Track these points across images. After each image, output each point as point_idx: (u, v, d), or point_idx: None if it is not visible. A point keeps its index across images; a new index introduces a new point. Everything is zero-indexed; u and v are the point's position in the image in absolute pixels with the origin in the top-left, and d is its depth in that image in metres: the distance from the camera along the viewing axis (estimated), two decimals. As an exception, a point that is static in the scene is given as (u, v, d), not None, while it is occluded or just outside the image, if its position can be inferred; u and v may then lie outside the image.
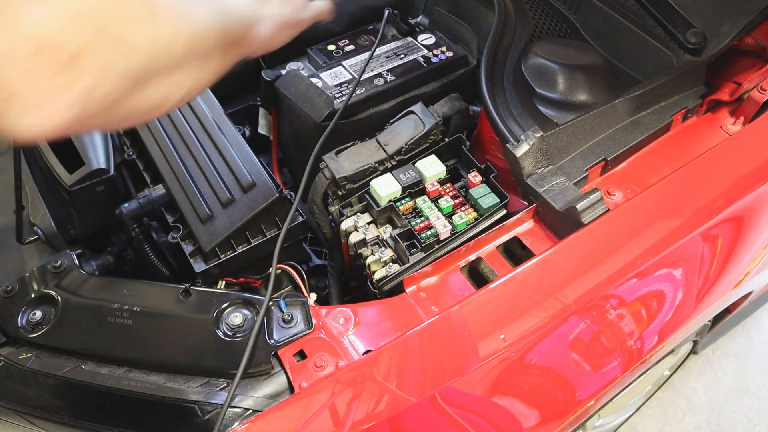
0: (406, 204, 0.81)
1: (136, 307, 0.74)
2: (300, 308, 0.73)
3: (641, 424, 1.61)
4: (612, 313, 0.79)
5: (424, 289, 0.77)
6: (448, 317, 0.71)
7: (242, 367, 0.65)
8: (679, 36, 0.96)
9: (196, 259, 0.83)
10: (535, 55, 1.00)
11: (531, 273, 0.75)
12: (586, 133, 0.87)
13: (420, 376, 0.67)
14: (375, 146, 0.88)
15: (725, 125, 0.95)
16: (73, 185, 0.87)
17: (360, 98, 0.94)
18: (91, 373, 0.71)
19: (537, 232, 0.83)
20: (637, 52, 1.02)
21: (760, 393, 1.67)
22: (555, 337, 0.74)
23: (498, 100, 0.88)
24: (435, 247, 0.79)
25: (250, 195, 0.84)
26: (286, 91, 0.97)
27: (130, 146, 0.99)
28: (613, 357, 0.82)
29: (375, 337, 0.71)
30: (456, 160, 0.89)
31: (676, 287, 0.85)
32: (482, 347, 0.69)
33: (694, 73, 0.95)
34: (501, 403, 0.75)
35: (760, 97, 0.92)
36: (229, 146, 0.88)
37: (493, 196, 0.81)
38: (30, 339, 0.73)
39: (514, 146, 0.81)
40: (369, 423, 0.64)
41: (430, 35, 1.06)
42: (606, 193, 0.86)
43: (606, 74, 1.00)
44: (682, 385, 1.68)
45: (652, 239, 0.77)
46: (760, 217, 0.91)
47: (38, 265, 0.79)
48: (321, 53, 1.04)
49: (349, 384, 0.66)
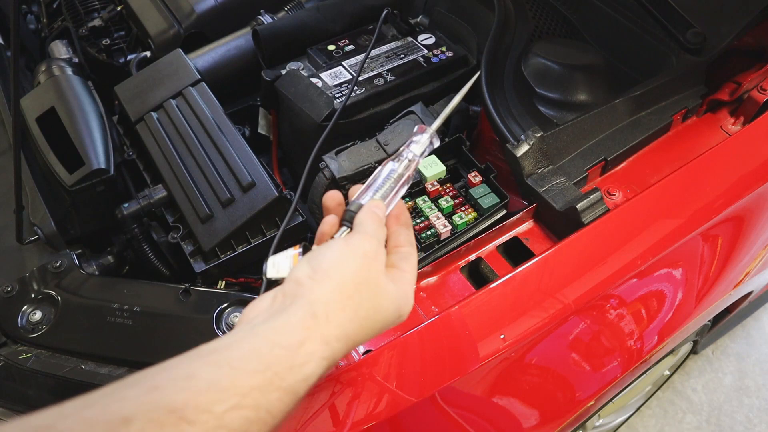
0: (406, 204, 0.81)
1: (136, 307, 0.74)
2: (300, 308, 0.73)
3: (641, 424, 1.61)
4: (612, 313, 0.79)
5: (424, 289, 0.77)
6: (448, 317, 0.70)
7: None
8: (679, 36, 0.96)
9: (196, 259, 0.83)
10: (535, 55, 1.00)
11: (531, 273, 0.75)
12: (586, 133, 0.87)
13: (420, 376, 0.67)
14: (375, 146, 0.88)
15: (725, 125, 0.95)
16: (73, 185, 0.87)
17: (360, 98, 0.94)
18: (91, 373, 0.71)
19: (537, 232, 0.83)
20: (637, 52, 1.02)
21: (760, 393, 1.67)
22: (555, 337, 0.74)
23: (498, 100, 0.88)
24: (435, 247, 0.79)
25: (249, 195, 0.84)
26: (286, 91, 0.97)
27: (130, 146, 0.99)
28: (613, 357, 0.82)
29: (375, 337, 0.71)
30: (456, 160, 0.89)
31: (676, 287, 0.85)
32: (482, 347, 0.69)
33: (694, 73, 0.95)
34: (501, 403, 0.75)
35: (760, 97, 0.92)
36: (229, 146, 0.88)
37: (493, 196, 0.81)
38: (30, 339, 0.73)
39: (514, 146, 0.81)
40: (369, 423, 0.64)
41: (430, 35, 1.06)
42: (606, 193, 0.85)
43: (606, 74, 1.00)
44: (682, 385, 1.68)
45: (652, 239, 0.77)
46: (760, 217, 0.91)
47: (38, 265, 0.79)
48: (321, 53, 1.04)
49: (349, 384, 0.66)
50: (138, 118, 0.96)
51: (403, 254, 0.56)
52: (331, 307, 0.47)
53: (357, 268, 0.49)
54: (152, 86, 0.98)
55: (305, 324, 0.45)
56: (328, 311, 0.46)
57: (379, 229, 0.53)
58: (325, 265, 0.49)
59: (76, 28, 1.23)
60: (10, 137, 0.91)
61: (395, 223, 0.58)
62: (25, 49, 1.28)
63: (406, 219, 0.58)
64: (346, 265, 0.49)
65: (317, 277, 0.48)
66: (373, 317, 0.50)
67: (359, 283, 0.49)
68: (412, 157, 0.58)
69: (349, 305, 0.48)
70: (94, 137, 0.91)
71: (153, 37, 1.15)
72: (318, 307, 0.46)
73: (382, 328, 0.52)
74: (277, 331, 0.44)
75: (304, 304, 0.46)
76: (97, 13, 1.28)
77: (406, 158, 0.58)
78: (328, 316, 0.46)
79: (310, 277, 0.48)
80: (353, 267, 0.49)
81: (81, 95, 0.98)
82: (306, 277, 0.48)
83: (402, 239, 0.57)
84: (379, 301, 0.50)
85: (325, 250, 0.50)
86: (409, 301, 0.54)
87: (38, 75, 1.04)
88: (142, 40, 1.21)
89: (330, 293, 0.47)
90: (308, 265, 0.49)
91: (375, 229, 0.53)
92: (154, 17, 1.17)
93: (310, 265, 0.49)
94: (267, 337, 0.43)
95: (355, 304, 0.48)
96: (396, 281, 0.53)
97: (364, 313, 0.49)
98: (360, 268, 0.49)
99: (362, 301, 0.49)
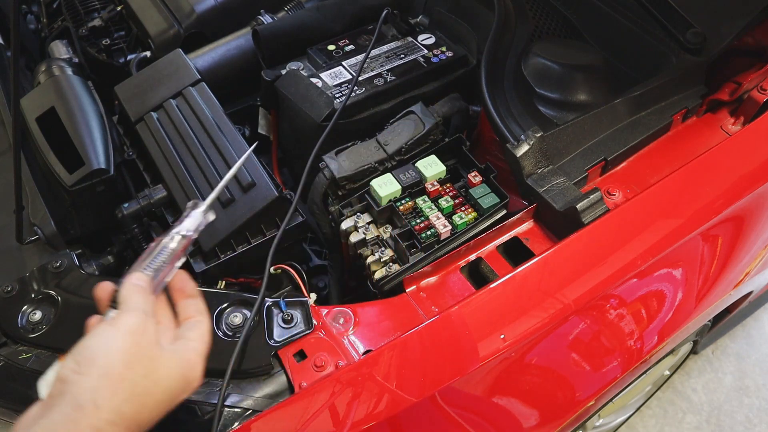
0: (406, 204, 0.81)
1: (136, 307, 0.74)
2: (300, 308, 0.73)
3: (641, 424, 1.61)
4: (612, 313, 0.79)
5: (424, 289, 0.77)
6: (448, 317, 0.70)
7: (232, 363, 0.65)
8: (679, 36, 0.96)
9: (196, 259, 0.83)
10: (535, 55, 1.00)
11: (531, 273, 0.75)
12: (586, 133, 0.87)
13: (420, 376, 0.67)
14: (375, 146, 0.88)
15: (725, 125, 0.95)
16: (73, 185, 0.87)
17: (360, 98, 0.94)
18: (91, 373, 0.71)
19: (537, 232, 0.83)
20: (637, 52, 1.02)
21: (760, 393, 1.67)
22: (555, 337, 0.74)
23: (498, 100, 0.88)
24: (435, 247, 0.79)
25: (249, 195, 0.84)
26: (286, 91, 0.97)
27: (130, 146, 0.99)
28: (613, 357, 0.82)
29: (375, 337, 0.71)
30: (456, 160, 0.89)
31: (676, 287, 0.85)
32: (482, 347, 0.69)
33: (694, 73, 0.95)
34: (501, 403, 0.75)
35: (760, 97, 0.92)
36: (229, 146, 0.88)
37: (493, 196, 0.81)
38: (30, 339, 0.73)
39: (514, 146, 0.81)
40: (369, 423, 0.64)
41: (430, 35, 1.06)
42: (606, 193, 0.85)
43: (606, 74, 1.00)
44: (682, 385, 1.68)
45: (652, 239, 0.77)
46: (760, 217, 0.91)
47: (38, 265, 0.79)
48: (321, 53, 1.04)
49: (349, 384, 0.66)
50: (138, 118, 0.96)
51: (190, 324, 0.56)
52: (100, 393, 0.46)
53: (125, 346, 0.48)
54: (152, 86, 0.98)
55: (69, 418, 0.44)
56: (95, 398, 0.45)
57: (142, 300, 0.53)
58: (89, 353, 0.48)
59: (76, 28, 1.23)
60: (10, 137, 0.90)
61: (181, 297, 0.59)
62: (25, 49, 1.28)
63: (191, 289, 0.59)
64: (112, 346, 0.48)
65: (82, 369, 0.47)
66: (153, 392, 0.49)
67: (130, 362, 0.48)
68: (185, 233, 0.60)
69: (122, 387, 0.47)
70: (94, 137, 0.91)
71: (153, 37, 1.15)
72: (83, 397, 0.45)
73: (169, 399, 0.51)
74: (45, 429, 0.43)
75: (68, 399, 0.45)
76: (97, 13, 1.28)
77: (179, 234, 0.60)
78: (97, 402, 0.45)
79: (74, 371, 0.47)
80: (120, 347, 0.48)
81: (81, 95, 0.98)
82: (70, 372, 0.47)
83: (191, 310, 0.57)
84: (157, 374, 0.50)
85: (88, 339, 0.49)
86: (196, 368, 0.53)
87: (38, 75, 1.04)
88: (142, 40, 1.21)
89: (97, 380, 0.46)
90: (73, 359, 0.48)
91: (138, 302, 0.52)
92: (154, 17, 1.17)
93: (75, 359, 0.48)
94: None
95: (129, 384, 0.47)
96: (177, 350, 0.53)
97: (142, 390, 0.48)
98: (129, 346, 0.48)
99: (136, 378, 0.48)
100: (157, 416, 0.50)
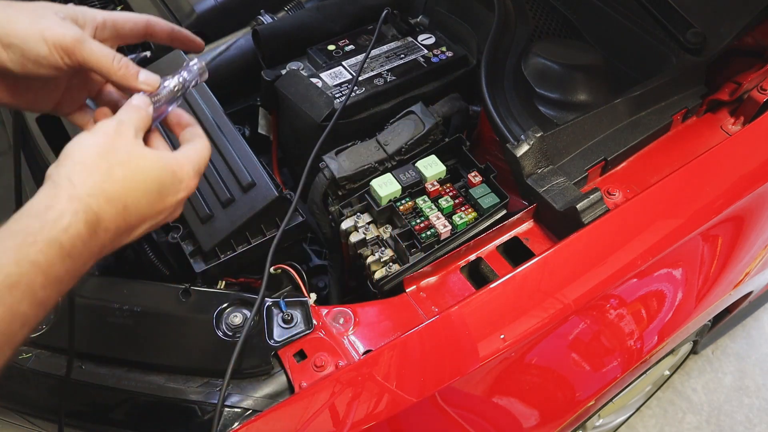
0: (406, 204, 0.81)
1: (136, 307, 0.74)
2: (300, 308, 0.73)
3: (641, 424, 1.61)
4: (612, 313, 0.79)
5: (424, 289, 0.77)
6: (448, 317, 0.70)
7: (232, 363, 0.65)
8: (679, 36, 0.96)
9: (196, 259, 0.83)
10: (535, 55, 1.00)
11: (531, 273, 0.75)
12: (586, 133, 0.87)
13: (420, 376, 0.67)
14: (375, 146, 0.88)
15: (725, 125, 0.96)
16: (73, 185, 0.87)
17: (360, 98, 0.94)
18: (91, 373, 0.71)
19: (537, 232, 0.83)
20: (637, 52, 1.02)
21: (760, 393, 1.67)
22: (555, 337, 0.74)
23: (498, 100, 0.88)
24: (435, 247, 0.79)
25: (249, 195, 0.84)
26: (286, 91, 0.97)
27: (130, 146, 0.99)
28: (613, 357, 0.82)
29: (375, 337, 0.72)
30: (456, 160, 0.89)
31: (676, 287, 0.85)
32: (482, 347, 0.69)
33: (694, 73, 0.95)
34: (501, 403, 0.75)
35: (760, 97, 0.92)
36: (229, 146, 0.88)
37: (493, 196, 0.81)
38: (30, 339, 0.73)
39: (514, 146, 0.81)
40: (369, 423, 0.64)
41: (430, 35, 1.06)
42: (606, 193, 0.86)
43: (606, 74, 1.00)
44: (682, 385, 1.68)
45: (652, 239, 0.77)
46: (760, 217, 0.91)
47: (38, 265, 0.79)
48: (321, 53, 1.04)
49: (349, 384, 0.66)
50: (138, 118, 0.95)
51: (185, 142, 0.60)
52: (75, 174, 0.49)
53: (98, 142, 0.52)
54: (152, 86, 0.98)
55: (48, 194, 0.48)
56: (70, 176, 0.49)
57: (125, 111, 0.56)
58: (66, 151, 0.51)
59: (76, 28, 1.23)
60: (10, 137, 0.90)
61: (179, 129, 0.62)
62: (25, 49, 1.28)
63: (187, 119, 0.63)
64: (85, 142, 0.52)
65: (59, 162, 0.50)
66: (134, 177, 0.51)
67: (104, 152, 0.51)
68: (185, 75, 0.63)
69: (97, 170, 0.50)
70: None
71: (153, 37, 1.15)
72: (58, 178, 0.48)
73: (158, 189, 0.53)
74: (22, 212, 0.46)
75: (47, 184, 0.49)
76: (97, 13, 1.28)
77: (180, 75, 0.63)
78: (71, 179, 0.48)
79: (53, 166, 0.50)
80: (93, 142, 0.52)
81: (81, 95, 0.98)
82: (51, 168, 0.50)
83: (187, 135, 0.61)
84: (136, 162, 0.52)
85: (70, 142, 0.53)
86: (185, 167, 0.56)
87: (38, 75, 1.04)
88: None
89: (72, 166, 0.50)
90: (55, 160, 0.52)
91: (121, 112, 0.56)
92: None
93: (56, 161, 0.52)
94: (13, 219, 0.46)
95: (104, 168, 0.50)
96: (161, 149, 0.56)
97: (121, 173, 0.51)
98: (102, 142, 0.52)
99: (112, 165, 0.51)
100: (148, 206, 0.52)
